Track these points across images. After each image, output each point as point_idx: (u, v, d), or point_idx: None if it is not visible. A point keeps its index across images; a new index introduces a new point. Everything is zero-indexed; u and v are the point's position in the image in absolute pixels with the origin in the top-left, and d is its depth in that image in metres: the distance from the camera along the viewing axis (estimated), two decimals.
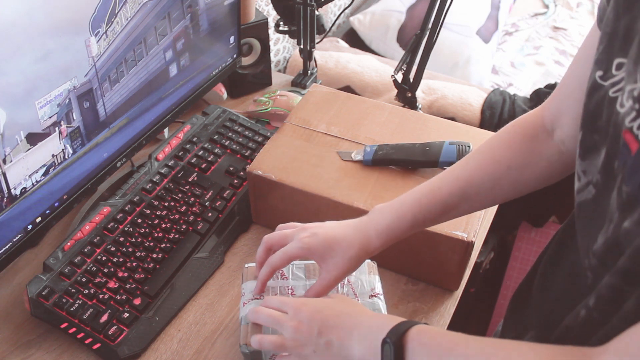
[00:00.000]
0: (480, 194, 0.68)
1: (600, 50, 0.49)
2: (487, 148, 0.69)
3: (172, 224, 0.93)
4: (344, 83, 1.53)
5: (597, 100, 0.49)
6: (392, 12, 1.84)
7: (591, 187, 0.50)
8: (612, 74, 0.47)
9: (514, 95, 1.49)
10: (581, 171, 0.52)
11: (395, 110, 1.02)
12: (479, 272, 1.44)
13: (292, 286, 0.74)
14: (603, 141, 0.48)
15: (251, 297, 0.74)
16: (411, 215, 0.68)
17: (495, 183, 0.67)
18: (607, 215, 0.46)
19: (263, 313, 0.67)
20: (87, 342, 0.79)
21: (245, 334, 0.70)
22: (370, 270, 0.77)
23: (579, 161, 0.52)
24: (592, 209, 0.50)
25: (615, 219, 0.45)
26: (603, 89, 0.48)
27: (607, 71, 0.47)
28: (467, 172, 0.68)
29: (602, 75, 0.48)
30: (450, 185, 0.68)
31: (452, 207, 0.69)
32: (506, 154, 0.67)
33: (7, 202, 0.74)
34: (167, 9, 0.90)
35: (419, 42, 1.11)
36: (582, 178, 0.52)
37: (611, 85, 0.47)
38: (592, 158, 0.50)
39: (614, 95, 0.46)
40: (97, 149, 0.87)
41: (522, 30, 2.11)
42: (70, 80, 0.77)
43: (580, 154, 0.52)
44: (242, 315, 0.73)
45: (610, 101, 0.46)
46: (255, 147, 1.07)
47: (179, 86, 1.01)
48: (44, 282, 0.84)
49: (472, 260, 0.89)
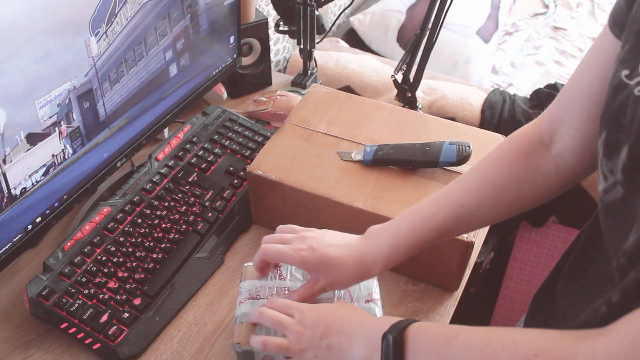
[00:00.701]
0: (476, 217, 0.68)
1: (627, 49, 0.48)
2: (482, 168, 0.68)
3: (172, 224, 0.93)
4: (344, 83, 1.53)
5: (621, 99, 0.48)
6: (392, 12, 1.84)
7: (619, 187, 0.50)
8: (638, 72, 0.46)
9: (514, 95, 1.49)
10: (608, 171, 0.51)
11: (395, 110, 1.02)
12: (479, 272, 1.44)
13: (289, 287, 0.74)
14: (626, 139, 0.47)
15: (247, 296, 0.74)
16: (407, 244, 0.68)
17: (492, 204, 0.67)
18: (637, 215, 0.46)
19: (269, 316, 0.67)
20: (87, 342, 0.79)
21: (240, 333, 0.70)
22: None
23: (604, 161, 0.51)
24: (622, 208, 0.50)
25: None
26: (628, 88, 0.47)
27: (633, 70, 0.47)
28: (462, 195, 0.67)
29: (628, 75, 0.48)
30: (445, 211, 0.67)
31: (448, 231, 0.68)
32: (502, 173, 0.66)
33: (7, 202, 0.74)
34: (167, 9, 0.90)
35: (419, 42, 1.11)
36: (609, 178, 0.51)
37: (637, 84, 0.46)
38: (618, 157, 0.49)
39: (639, 93, 0.46)
40: (97, 149, 0.87)
41: (522, 30, 2.11)
42: (70, 80, 0.77)
43: (606, 154, 0.51)
44: (237, 314, 0.73)
45: (635, 99, 0.46)
46: (255, 147, 1.07)
47: (179, 86, 1.01)
48: (44, 282, 0.84)
49: (472, 260, 0.89)
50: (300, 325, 0.64)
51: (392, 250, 0.68)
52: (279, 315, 0.66)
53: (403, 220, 0.69)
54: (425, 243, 0.69)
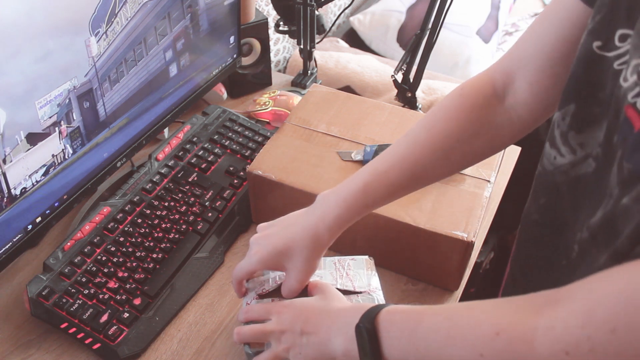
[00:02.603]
0: (428, 171, 0.66)
1: (598, 20, 0.48)
2: (433, 122, 0.66)
3: (172, 224, 0.93)
4: (344, 83, 1.53)
5: (597, 72, 0.48)
6: (392, 12, 1.85)
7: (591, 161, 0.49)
8: (615, 45, 0.46)
9: None
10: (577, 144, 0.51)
11: (395, 110, 1.02)
12: (479, 272, 1.44)
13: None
14: (605, 114, 0.47)
15: (254, 295, 0.74)
16: (360, 203, 0.66)
17: (445, 158, 0.65)
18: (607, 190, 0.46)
19: (246, 333, 0.67)
20: (87, 342, 0.79)
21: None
22: (368, 267, 0.77)
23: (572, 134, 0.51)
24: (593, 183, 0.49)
25: (615, 194, 0.44)
26: (607, 61, 0.47)
27: (607, 42, 0.47)
28: (413, 151, 0.66)
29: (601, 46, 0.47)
30: (397, 168, 0.66)
31: (402, 188, 0.67)
32: (454, 126, 0.65)
33: (7, 202, 0.74)
34: (167, 9, 0.90)
35: (419, 42, 1.11)
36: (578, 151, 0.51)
37: (616, 57, 0.46)
38: (592, 131, 0.49)
39: (618, 68, 0.45)
40: (97, 149, 0.87)
41: (522, 30, 2.11)
42: (70, 80, 0.77)
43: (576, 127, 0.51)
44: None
45: (615, 74, 0.46)
46: (255, 147, 1.07)
47: (179, 86, 1.01)
48: (44, 282, 0.84)
49: (472, 260, 0.89)
50: (280, 326, 0.64)
51: (344, 212, 0.66)
52: (255, 328, 0.67)
53: (353, 180, 0.67)
54: (379, 201, 0.67)
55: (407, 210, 0.83)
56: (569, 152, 0.52)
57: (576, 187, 0.52)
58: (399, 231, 0.83)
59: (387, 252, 0.87)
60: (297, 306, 0.65)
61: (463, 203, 0.85)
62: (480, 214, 0.84)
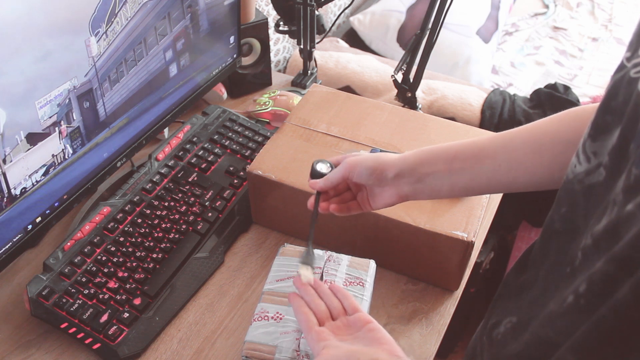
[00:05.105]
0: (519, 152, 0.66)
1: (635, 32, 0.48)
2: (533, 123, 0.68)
3: (172, 224, 0.93)
4: (344, 83, 1.53)
5: (615, 80, 0.48)
6: (392, 12, 1.84)
7: (602, 169, 0.49)
8: (637, 54, 0.46)
9: (514, 95, 1.49)
10: (591, 152, 0.51)
11: (395, 110, 1.02)
12: (479, 272, 1.44)
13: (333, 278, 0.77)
14: (617, 122, 0.47)
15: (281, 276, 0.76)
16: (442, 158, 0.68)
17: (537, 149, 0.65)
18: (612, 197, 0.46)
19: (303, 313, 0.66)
20: (87, 342, 0.79)
21: None
22: (365, 267, 0.78)
23: (588, 142, 0.51)
24: (602, 191, 0.49)
25: (619, 201, 0.44)
26: (624, 70, 0.47)
27: (634, 53, 0.47)
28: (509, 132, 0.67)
29: (629, 57, 0.47)
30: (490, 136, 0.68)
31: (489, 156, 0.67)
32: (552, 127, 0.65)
33: (7, 202, 0.74)
34: (167, 9, 0.90)
35: (419, 42, 1.11)
36: (592, 160, 0.51)
37: (634, 66, 0.46)
38: (604, 139, 0.49)
39: (635, 75, 0.45)
40: (97, 149, 0.87)
41: (522, 30, 2.11)
42: (70, 80, 0.77)
43: (592, 135, 0.51)
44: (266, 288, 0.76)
45: (630, 82, 0.46)
46: (255, 147, 1.07)
47: (179, 86, 1.01)
48: (44, 282, 0.84)
49: (472, 260, 0.89)
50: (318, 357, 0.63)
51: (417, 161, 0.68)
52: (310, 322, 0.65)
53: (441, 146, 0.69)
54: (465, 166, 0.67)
55: (407, 210, 0.83)
56: (585, 160, 0.52)
57: (589, 195, 0.52)
58: (399, 231, 0.83)
59: (387, 252, 0.87)
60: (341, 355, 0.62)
61: (463, 203, 0.85)
62: (480, 214, 0.84)
